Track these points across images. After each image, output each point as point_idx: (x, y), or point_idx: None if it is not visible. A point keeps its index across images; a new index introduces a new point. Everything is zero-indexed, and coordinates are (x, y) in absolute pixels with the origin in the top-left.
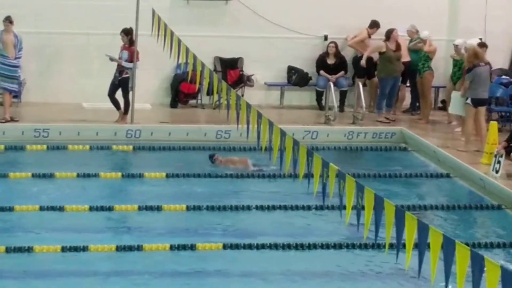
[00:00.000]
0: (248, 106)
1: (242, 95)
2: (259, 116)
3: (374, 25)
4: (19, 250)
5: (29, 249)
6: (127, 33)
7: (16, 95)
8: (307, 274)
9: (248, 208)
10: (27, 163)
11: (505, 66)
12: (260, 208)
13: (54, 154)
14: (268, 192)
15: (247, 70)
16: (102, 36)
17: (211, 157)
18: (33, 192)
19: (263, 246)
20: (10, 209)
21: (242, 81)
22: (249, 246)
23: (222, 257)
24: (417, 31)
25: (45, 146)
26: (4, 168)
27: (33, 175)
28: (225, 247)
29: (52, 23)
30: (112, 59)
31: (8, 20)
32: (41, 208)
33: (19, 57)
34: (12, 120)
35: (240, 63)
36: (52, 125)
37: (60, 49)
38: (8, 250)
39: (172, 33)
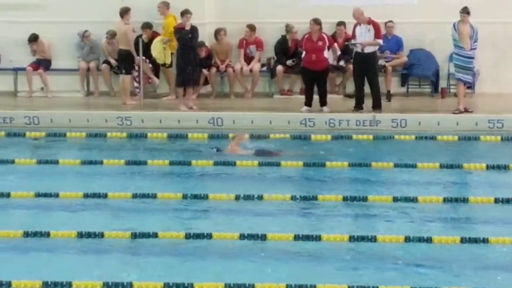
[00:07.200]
0: None
1: None
2: None
3: None
4: (475, 241)
5: (484, 240)
6: None
7: (470, 86)
8: None
9: None
10: (482, 154)
11: None
12: None
13: (508, 145)
14: None
15: None
16: None
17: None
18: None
19: None
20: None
21: None
22: None
23: None
24: None
25: (499, 137)
26: (458, 159)
27: (487, 167)
28: None
29: (507, 13)
30: None
31: (465, 11)
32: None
33: (474, 48)
34: (466, 111)
35: None
36: (506, 116)
37: None
38: (462, 240)
39: None
